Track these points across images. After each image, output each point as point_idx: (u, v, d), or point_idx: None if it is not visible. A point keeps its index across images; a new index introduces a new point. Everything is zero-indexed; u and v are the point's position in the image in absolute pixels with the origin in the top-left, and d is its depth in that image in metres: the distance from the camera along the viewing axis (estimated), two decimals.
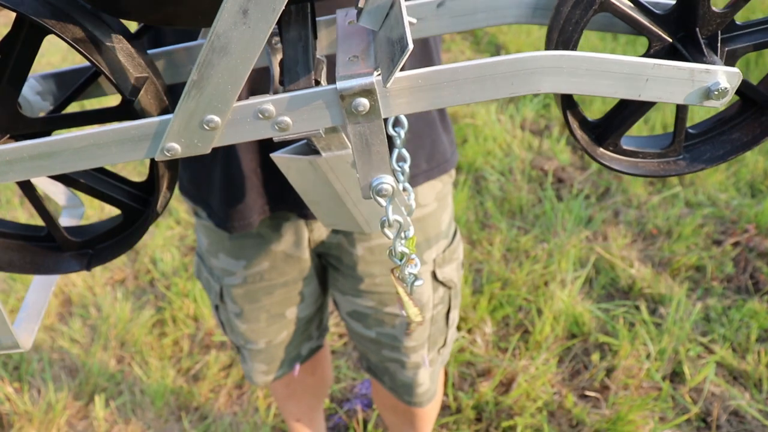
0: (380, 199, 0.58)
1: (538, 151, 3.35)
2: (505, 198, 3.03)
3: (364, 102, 0.52)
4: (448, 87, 0.53)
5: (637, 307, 2.44)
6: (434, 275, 1.30)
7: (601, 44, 4.12)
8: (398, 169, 0.77)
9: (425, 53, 1.14)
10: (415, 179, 1.20)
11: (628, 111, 0.63)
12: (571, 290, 2.48)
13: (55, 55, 4.68)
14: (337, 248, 1.26)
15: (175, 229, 3.04)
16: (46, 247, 0.72)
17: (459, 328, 2.39)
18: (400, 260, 0.63)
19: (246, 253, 1.26)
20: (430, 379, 1.44)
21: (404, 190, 0.75)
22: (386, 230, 0.61)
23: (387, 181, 0.57)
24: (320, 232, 1.24)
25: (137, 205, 0.69)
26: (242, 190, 1.15)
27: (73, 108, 0.67)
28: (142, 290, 2.73)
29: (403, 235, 0.62)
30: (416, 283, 0.64)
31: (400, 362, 1.38)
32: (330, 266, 1.35)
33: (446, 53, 4.49)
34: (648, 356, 2.25)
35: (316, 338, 1.52)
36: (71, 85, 0.70)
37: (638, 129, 3.29)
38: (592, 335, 2.35)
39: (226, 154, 1.12)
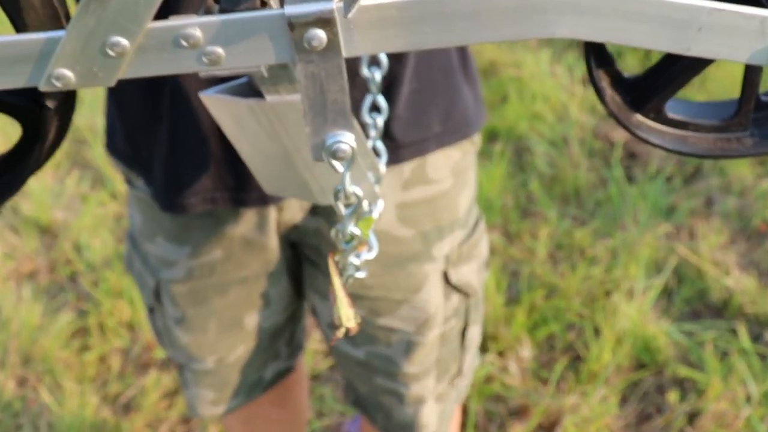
0: (335, 163, 0.59)
1: (603, 115, 3.34)
2: (556, 177, 3.04)
3: (319, 35, 0.53)
4: (432, 22, 0.54)
5: (734, 331, 2.44)
6: (446, 277, 1.31)
7: None
8: (370, 122, 0.77)
9: None
10: (424, 145, 1.20)
11: (678, 66, 0.62)
12: (641, 304, 2.48)
13: None
14: (315, 235, 1.27)
15: (109, 205, 3.05)
16: None
17: (485, 350, 2.40)
18: (347, 243, 0.64)
19: (192, 236, 1.27)
20: (438, 419, 1.44)
21: (374, 150, 0.75)
22: (339, 203, 0.62)
23: (345, 140, 0.58)
24: (292, 212, 1.25)
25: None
26: (196, 155, 1.15)
27: None
28: (59, 287, 2.76)
29: (362, 211, 0.63)
30: (357, 275, 0.64)
31: (397, 395, 1.39)
32: (306, 260, 1.36)
33: None
34: (748, 399, 2.25)
35: (285, 357, 1.53)
36: None
37: (725, 82, 3.27)
38: (670, 366, 2.36)
39: (175, 103, 1.13)
